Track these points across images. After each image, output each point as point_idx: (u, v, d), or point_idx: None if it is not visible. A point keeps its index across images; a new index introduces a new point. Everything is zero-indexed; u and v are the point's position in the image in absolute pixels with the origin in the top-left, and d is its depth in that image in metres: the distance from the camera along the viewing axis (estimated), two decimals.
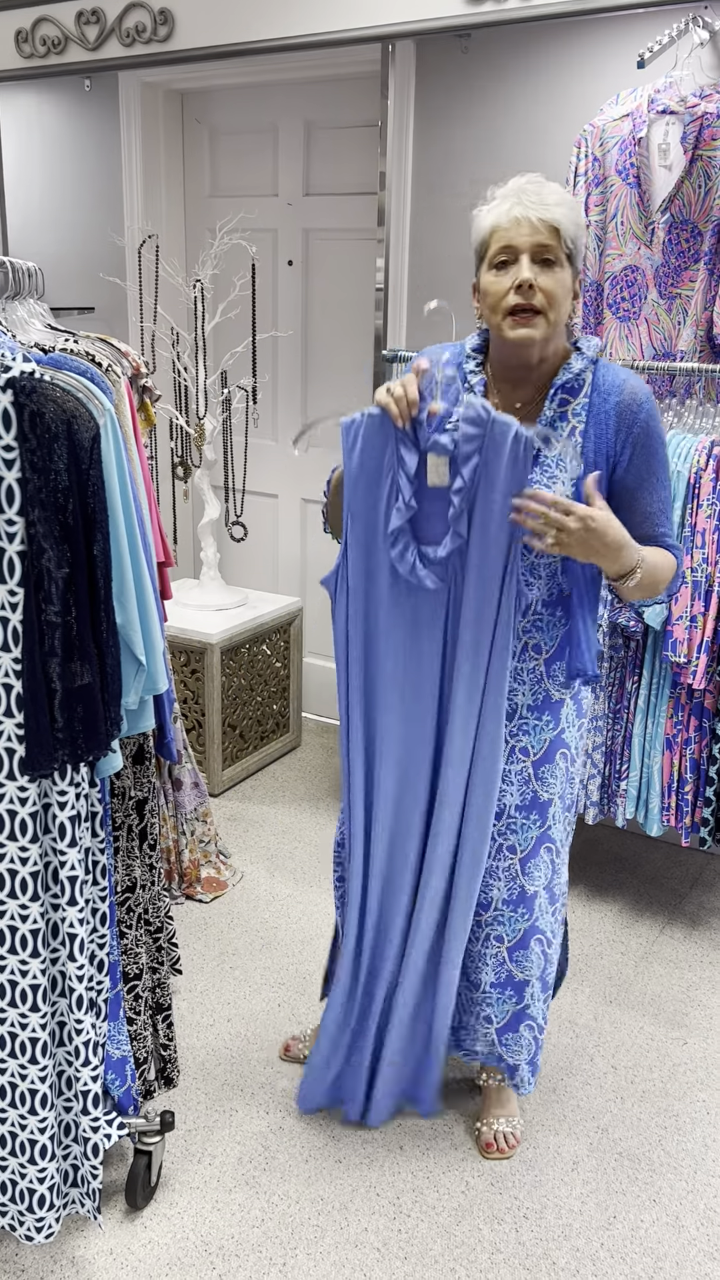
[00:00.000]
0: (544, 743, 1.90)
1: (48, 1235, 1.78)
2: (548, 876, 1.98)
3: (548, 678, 1.86)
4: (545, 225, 1.66)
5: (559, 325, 1.72)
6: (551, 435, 1.66)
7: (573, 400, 1.77)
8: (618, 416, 1.74)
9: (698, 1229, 1.97)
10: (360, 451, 1.71)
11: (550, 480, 1.75)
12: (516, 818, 1.93)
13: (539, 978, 2.02)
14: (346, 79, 3.51)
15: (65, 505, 1.53)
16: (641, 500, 1.78)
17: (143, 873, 2.06)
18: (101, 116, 3.87)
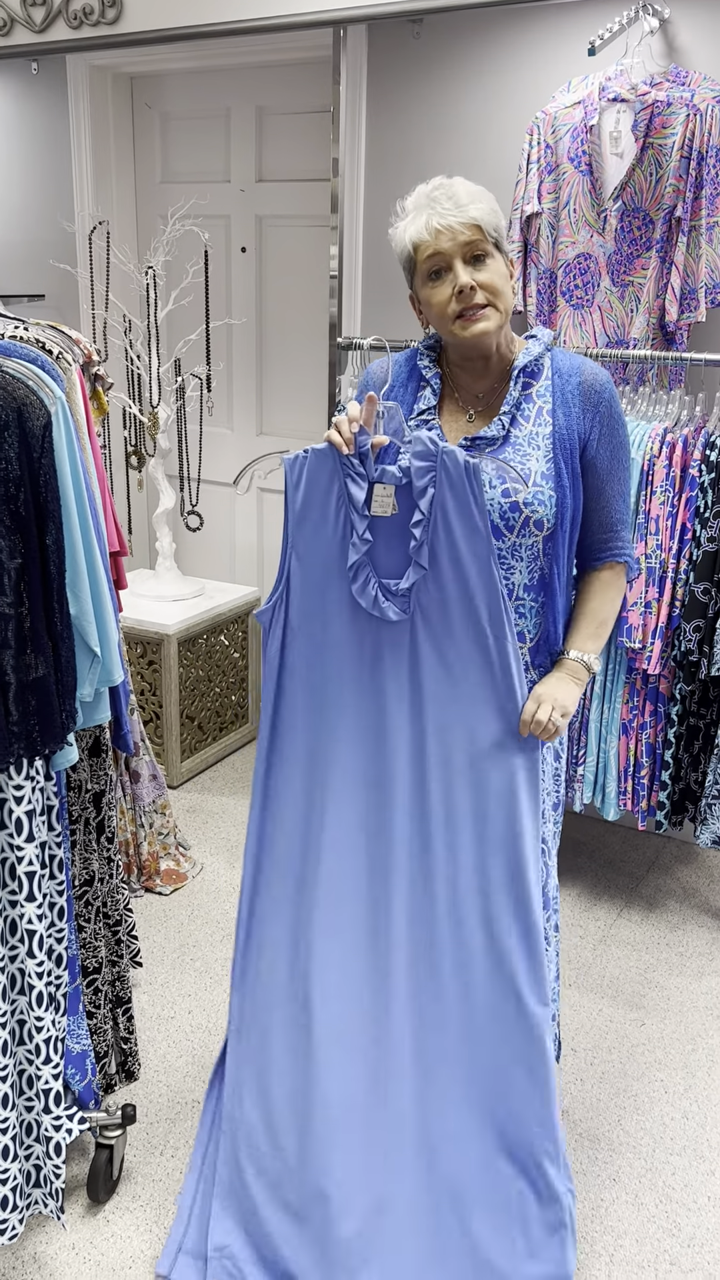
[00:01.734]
0: (532, 742, 1.87)
1: (10, 1236, 1.77)
2: (540, 879, 1.95)
3: (534, 667, 1.85)
4: (466, 226, 1.68)
5: (508, 313, 1.75)
6: (486, 461, 1.69)
7: (535, 383, 1.79)
8: (582, 396, 1.77)
9: (656, 1206, 1.99)
10: (305, 488, 1.69)
11: (524, 458, 1.75)
12: None
13: None
14: (298, 64, 3.48)
15: (16, 495, 1.50)
16: (608, 484, 1.81)
17: (100, 866, 2.04)
18: (50, 100, 3.81)
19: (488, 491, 1.74)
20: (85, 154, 3.79)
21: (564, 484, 1.75)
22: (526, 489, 1.74)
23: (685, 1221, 1.96)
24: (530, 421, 1.78)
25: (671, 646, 2.61)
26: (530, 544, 1.77)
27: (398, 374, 1.88)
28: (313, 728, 1.76)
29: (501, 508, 1.74)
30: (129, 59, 3.60)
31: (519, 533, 1.76)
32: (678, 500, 2.57)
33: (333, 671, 1.74)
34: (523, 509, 1.74)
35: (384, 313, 3.37)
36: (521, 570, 1.79)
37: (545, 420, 1.77)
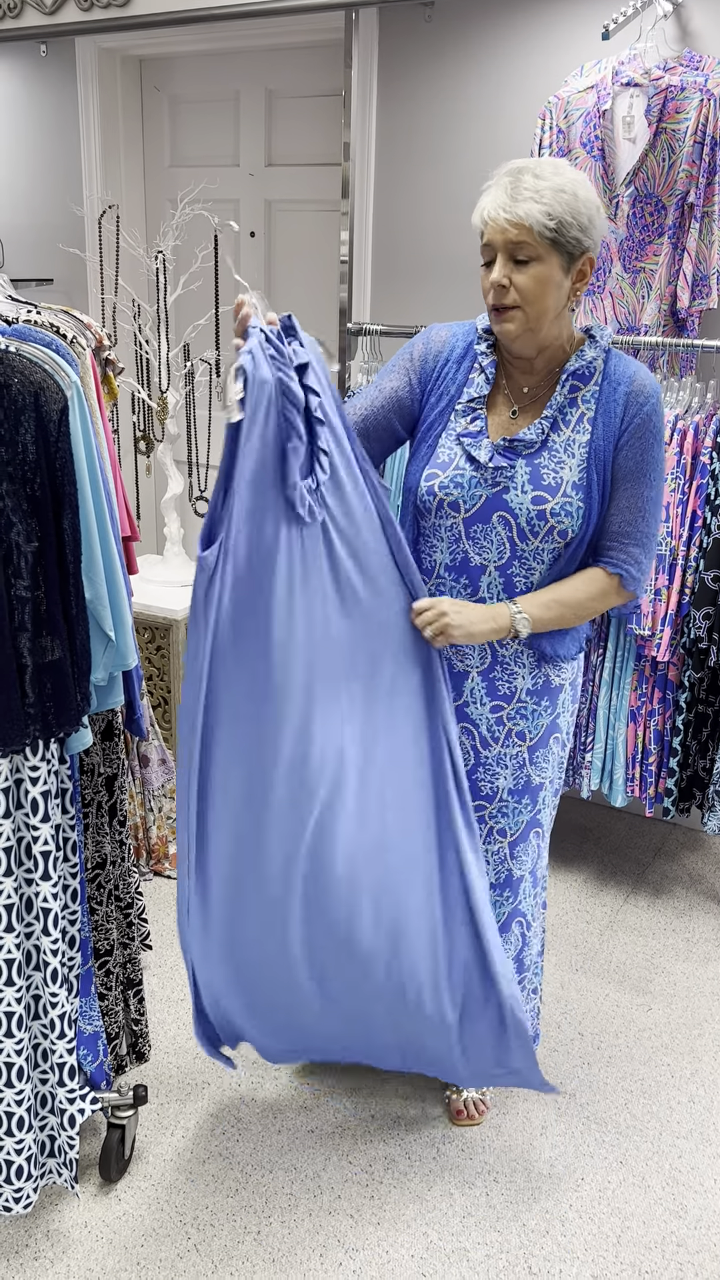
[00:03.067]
0: (540, 728, 1.90)
1: (25, 1206, 1.79)
2: (534, 860, 2.00)
3: (548, 662, 1.86)
4: (512, 225, 1.63)
5: (541, 319, 1.69)
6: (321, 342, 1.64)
7: (583, 387, 1.76)
8: (625, 405, 1.74)
9: (663, 1189, 2.01)
10: (259, 396, 1.58)
11: (558, 466, 1.74)
12: (509, 801, 1.92)
13: (514, 958, 2.04)
14: (309, 47, 3.47)
15: (33, 479, 1.51)
16: (623, 492, 1.76)
17: (113, 849, 2.05)
18: (59, 83, 3.79)
19: (518, 496, 1.74)
20: (94, 137, 3.78)
21: (593, 496, 1.74)
22: (554, 499, 1.73)
23: (692, 1204, 1.98)
24: (570, 427, 1.76)
25: (681, 634, 2.62)
26: (553, 549, 1.77)
27: (452, 347, 1.85)
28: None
29: (529, 514, 1.74)
30: (138, 41, 3.59)
31: (543, 539, 1.76)
32: (688, 487, 2.57)
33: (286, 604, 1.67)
34: (549, 518, 1.74)
35: (394, 298, 3.37)
36: (542, 572, 1.79)
37: (585, 428, 1.75)
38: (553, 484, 1.74)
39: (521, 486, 1.75)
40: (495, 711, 1.88)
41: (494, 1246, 1.88)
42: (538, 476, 1.75)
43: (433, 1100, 2.20)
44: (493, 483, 1.77)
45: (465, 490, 1.78)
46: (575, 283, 1.69)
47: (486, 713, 1.89)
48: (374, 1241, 1.88)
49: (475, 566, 1.81)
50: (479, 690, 1.88)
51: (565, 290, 1.69)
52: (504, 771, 1.91)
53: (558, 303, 1.69)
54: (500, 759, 1.91)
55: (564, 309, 1.71)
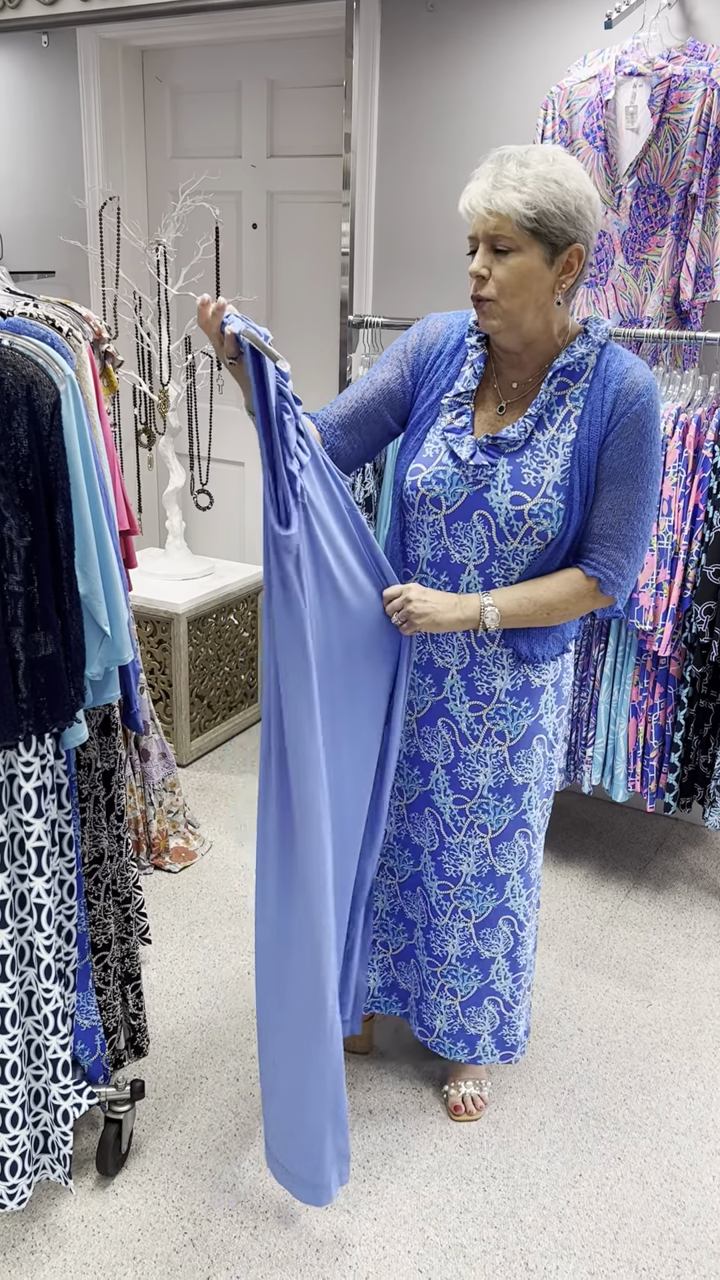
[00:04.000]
0: (521, 729, 1.87)
1: (20, 1202, 1.79)
2: (522, 860, 1.97)
3: (526, 663, 1.83)
4: (489, 214, 1.58)
5: (521, 312, 1.64)
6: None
7: (573, 384, 1.71)
8: (613, 403, 1.68)
9: (661, 1185, 2.00)
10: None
11: (540, 465, 1.70)
12: (489, 798, 1.91)
13: (505, 956, 2.03)
14: (311, 37, 3.45)
15: (25, 473, 1.50)
16: (606, 493, 1.71)
17: (110, 844, 2.05)
18: (60, 74, 3.78)
19: (498, 495, 1.71)
20: (95, 129, 3.76)
21: (574, 498, 1.70)
22: (533, 500, 1.69)
23: (690, 1200, 1.97)
24: (555, 426, 1.71)
25: (682, 628, 2.60)
26: (533, 550, 1.74)
27: (447, 339, 1.81)
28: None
29: (508, 514, 1.71)
30: (140, 32, 3.57)
31: (521, 539, 1.73)
32: (690, 481, 2.55)
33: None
34: (527, 519, 1.71)
35: (396, 290, 3.35)
36: (520, 573, 1.76)
37: (571, 427, 1.70)
38: (533, 484, 1.70)
39: (501, 486, 1.71)
40: (474, 710, 1.87)
41: (491, 1243, 1.88)
42: (518, 476, 1.71)
43: (431, 1096, 2.20)
44: (474, 480, 1.73)
45: (447, 487, 1.75)
46: (561, 275, 1.63)
47: (466, 710, 1.87)
48: (370, 1237, 1.88)
49: (455, 564, 1.79)
50: (458, 688, 1.86)
51: (548, 283, 1.63)
52: (484, 769, 1.90)
53: (539, 295, 1.63)
54: (480, 756, 1.89)
55: (549, 302, 1.65)
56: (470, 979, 2.04)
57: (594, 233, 1.64)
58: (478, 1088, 2.16)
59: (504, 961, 2.04)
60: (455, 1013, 2.07)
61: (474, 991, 2.05)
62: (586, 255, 1.65)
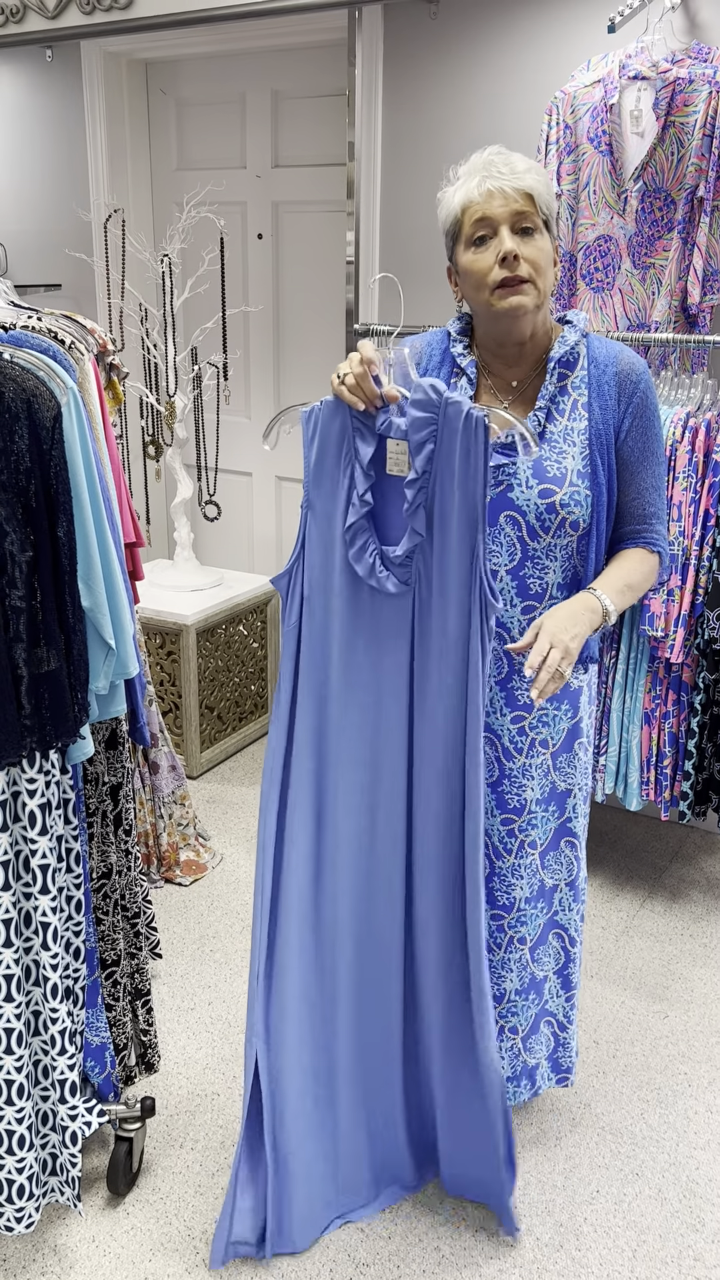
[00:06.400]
0: (562, 733, 1.83)
1: (28, 1225, 1.77)
2: (571, 871, 1.92)
3: (586, 660, 1.80)
4: (519, 194, 1.60)
5: (547, 294, 1.66)
6: (506, 415, 1.55)
7: (570, 374, 1.72)
8: (618, 386, 1.70)
9: (680, 1201, 1.97)
10: (319, 443, 1.59)
11: (560, 456, 1.68)
12: (537, 812, 1.85)
13: (557, 973, 1.98)
14: (314, 47, 3.45)
15: (27, 487, 1.49)
16: (640, 475, 1.73)
17: (118, 858, 2.03)
18: (64, 88, 3.79)
19: (524, 492, 1.68)
20: (100, 142, 3.77)
21: (600, 482, 1.69)
22: (561, 490, 1.68)
23: (710, 1217, 1.94)
24: (566, 416, 1.70)
25: (694, 635, 2.58)
26: (565, 544, 1.72)
27: (429, 357, 1.80)
28: (314, 712, 1.70)
29: (538, 509, 1.68)
30: (143, 44, 3.57)
31: (554, 533, 1.70)
32: (700, 486, 2.53)
33: (335, 650, 1.65)
34: (559, 510, 1.68)
35: (397, 298, 3.34)
36: (555, 570, 1.73)
37: (581, 414, 1.70)
38: (558, 474, 1.68)
39: (526, 482, 1.68)
40: (516, 722, 1.81)
41: (507, 1261, 1.85)
42: (541, 470, 1.68)
43: None
44: (495, 482, 1.69)
45: None
46: (556, 264, 1.72)
47: (508, 723, 1.81)
48: (385, 1256, 1.85)
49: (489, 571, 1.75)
50: (499, 700, 1.80)
51: (555, 271, 1.69)
52: (530, 782, 1.83)
53: (551, 280, 1.68)
54: (526, 770, 1.83)
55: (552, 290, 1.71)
56: (529, 1008, 1.95)
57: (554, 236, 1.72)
58: None
59: (555, 979, 1.98)
60: (517, 1052, 1.97)
61: (532, 1020, 1.96)
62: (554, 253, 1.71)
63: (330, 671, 1.68)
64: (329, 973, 1.80)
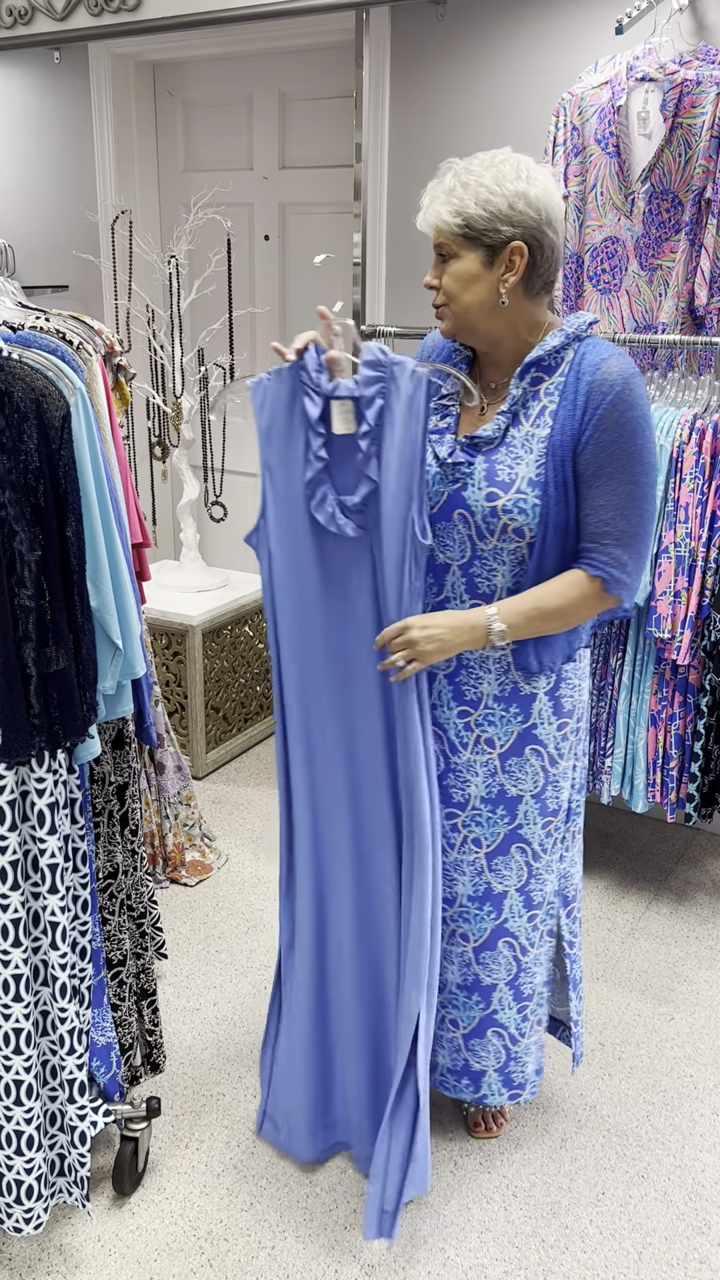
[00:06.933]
0: (511, 735, 1.81)
1: (36, 1226, 1.77)
2: (520, 878, 1.89)
3: (515, 668, 1.78)
4: (428, 227, 1.67)
5: (467, 314, 1.68)
6: (450, 371, 1.70)
7: (547, 379, 1.70)
8: (587, 397, 1.65)
9: (686, 1204, 1.97)
10: (270, 409, 1.72)
11: (514, 461, 1.69)
12: (481, 809, 1.85)
13: (509, 984, 1.94)
14: (321, 48, 3.45)
15: (36, 486, 1.49)
16: (595, 491, 1.67)
17: (124, 858, 2.04)
18: (72, 90, 3.79)
19: (475, 492, 1.72)
20: (108, 143, 3.78)
21: (550, 494, 1.67)
22: (506, 496, 1.68)
23: (716, 1220, 1.94)
24: (530, 421, 1.69)
25: (701, 636, 2.57)
26: (513, 549, 1.71)
27: (441, 345, 1.86)
28: (295, 652, 1.82)
29: (484, 511, 1.70)
30: (151, 46, 3.58)
31: (499, 538, 1.71)
32: (707, 488, 2.53)
33: (307, 593, 1.78)
34: (501, 515, 1.69)
35: (408, 300, 3.34)
36: (504, 574, 1.74)
37: (546, 422, 1.68)
38: (506, 480, 1.69)
39: (478, 483, 1.70)
40: (463, 717, 1.82)
41: (512, 1263, 1.85)
42: (493, 473, 1.70)
43: (450, 1113, 2.17)
44: (452, 479, 1.73)
45: (430, 487, 1.75)
46: (504, 273, 1.64)
47: (454, 718, 1.83)
48: (390, 1258, 1.85)
49: (440, 565, 1.78)
50: (446, 694, 1.83)
51: (491, 283, 1.65)
52: (474, 779, 1.84)
53: (485, 296, 1.66)
54: (470, 766, 1.83)
55: (495, 301, 1.66)
56: (472, 1008, 1.95)
57: (542, 228, 1.63)
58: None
59: (507, 990, 1.94)
60: (458, 1046, 1.98)
61: (476, 1022, 1.96)
62: (536, 253, 1.64)
63: (307, 613, 1.80)
64: (333, 912, 1.93)
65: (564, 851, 1.93)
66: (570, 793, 1.90)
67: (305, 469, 1.70)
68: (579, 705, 1.86)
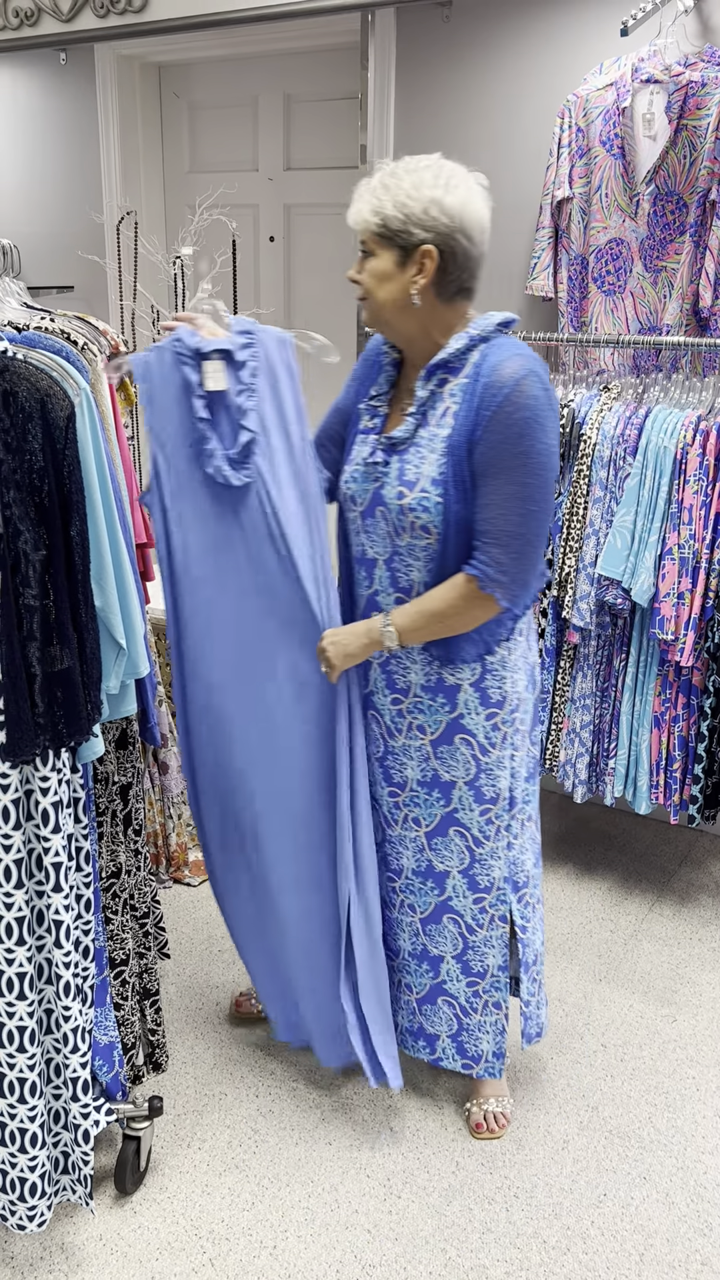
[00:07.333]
0: (439, 724, 1.90)
1: (40, 1224, 1.77)
2: (462, 861, 1.97)
3: (436, 660, 1.86)
4: (353, 224, 1.76)
5: (381, 310, 1.75)
6: (307, 333, 1.88)
7: (452, 380, 1.74)
8: (482, 396, 1.69)
9: (688, 1205, 1.97)
10: (151, 380, 1.85)
11: (420, 460, 1.76)
12: (419, 791, 1.96)
13: (456, 957, 2.03)
14: (327, 50, 3.45)
15: (41, 486, 1.50)
16: (483, 490, 1.71)
17: (128, 858, 2.04)
18: (78, 91, 3.80)
19: (389, 490, 1.80)
20: (113, 144, 3.78)
21: (450, 493, 1.73)
22: (411, 494, 1.76)
23: (718, 1221, 1.94)
24: (435, 421, 1.76)
25: (705, 638, 2.57)
26: (425, 545, 1.79)
27: (379, 350, 1.92)
28: (198, 595, 1.95)
29: (397, 509, 1.79)
30: (156, 47, 3.59)
31: (411, 534, 1.79)
32: (711, 490, 2.53)
33: (202, 544, 1.91)
34: (408, 513, 1.77)
35: None
36: (420, 569, 1.82)
37: (448, 422, 1.74)
38: (412, 479, 1.76)
39: (392, 481, 1.79)
40: (395, 704, 1.93)
41: (514, 1264, 1.85)
42: (403, 472, 1.78)
43: (452, 1113, 2.17)
44: (374, 478, 1.83)
45: (358, 485, 1.85)
46: (415, 275, 1.69)
47: (388, 703, 1.94)
48: (391, 1258, 1.86)
49: (369, 559, 1.88)
50: (380, 681, 1.94)
51: (403, 282, 1.70)
52: (410, 763, 1.95)
53: (397, 295, 1.72)
54: (405, 750, 1.95)
55: (407, 301, 1.71)
56: (422, 975, 2.08)
57: (455, 235, 1.68)
58: (499, 1105, 2.13)
59: (454, 963, 2.04)
60: (413, 1009, 2.12)
61: (427, 989, 2.08)
62: (447, 258, 1.68)
63: (203, 558, 1.92)
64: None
65: (511, 839, 1.98)
66: (513, 781, 1.95)
67: (191, 429, 1.83)
68: (511, 695, 1.90)
